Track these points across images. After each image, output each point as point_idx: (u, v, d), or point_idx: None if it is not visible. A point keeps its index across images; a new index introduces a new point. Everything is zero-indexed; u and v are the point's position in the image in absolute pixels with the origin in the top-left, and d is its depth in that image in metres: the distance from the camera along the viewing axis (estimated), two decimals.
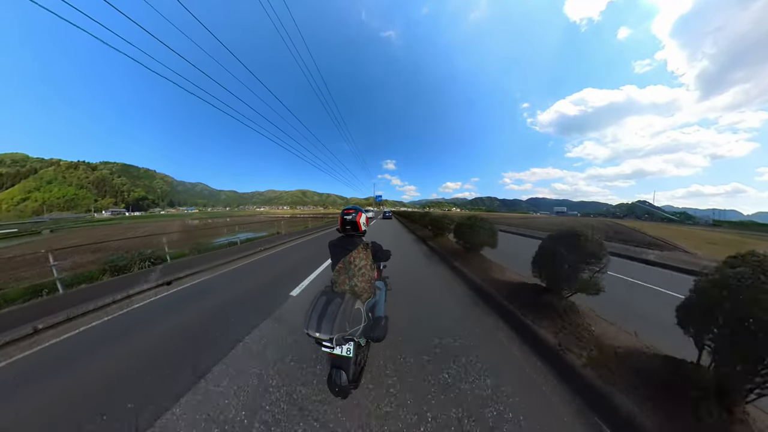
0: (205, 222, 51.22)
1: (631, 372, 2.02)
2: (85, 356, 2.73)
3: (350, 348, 1.76)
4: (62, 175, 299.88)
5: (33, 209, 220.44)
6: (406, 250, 8.63)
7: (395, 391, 2.08)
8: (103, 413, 1.95)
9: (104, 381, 2.31)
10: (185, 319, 3.52)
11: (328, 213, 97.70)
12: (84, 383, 2.29)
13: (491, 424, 1.79)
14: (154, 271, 5.64)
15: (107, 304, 3.95)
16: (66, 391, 2.20)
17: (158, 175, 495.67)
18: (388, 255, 2.39)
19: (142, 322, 3.53)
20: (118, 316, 3.73)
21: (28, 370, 2.55)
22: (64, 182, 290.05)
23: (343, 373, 1.73)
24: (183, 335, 3.06)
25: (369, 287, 2.05)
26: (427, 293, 4.41)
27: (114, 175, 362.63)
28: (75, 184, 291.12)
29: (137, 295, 4.38)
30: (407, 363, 2.43)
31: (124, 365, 2.53)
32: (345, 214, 2.15)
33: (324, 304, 1.70)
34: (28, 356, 2.79)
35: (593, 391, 1.95)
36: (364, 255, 2.05)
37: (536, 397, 2.05)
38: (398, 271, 5.40)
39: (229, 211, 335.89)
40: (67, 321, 3.45)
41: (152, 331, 3.22)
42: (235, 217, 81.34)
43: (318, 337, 1.63)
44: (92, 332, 3.28)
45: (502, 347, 2.72)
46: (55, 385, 2.29)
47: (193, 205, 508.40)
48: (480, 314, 3.52)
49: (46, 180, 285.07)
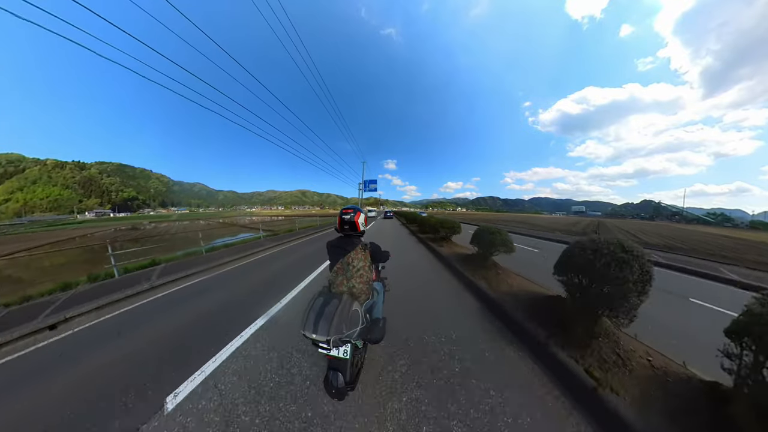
0: (167, 226, 46.11)
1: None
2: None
3: (347, 350, 1.74)
4: (48, 174, 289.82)
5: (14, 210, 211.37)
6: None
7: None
8: None
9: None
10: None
11: (315, 214, 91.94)
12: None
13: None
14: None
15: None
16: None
17: (154, 175, 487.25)
18: (387, 256, 2.36)
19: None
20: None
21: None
22: (50, 182, 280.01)
23: (340, 374, 1.72)
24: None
25: (367, 288, 2.01)
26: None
27: (103, 174, 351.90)
28: (60, 184, 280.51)
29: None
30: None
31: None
32: (343, 214, 2.13)
33: (321, 304, 1.67)
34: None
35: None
36: (363, 256, 2.02)
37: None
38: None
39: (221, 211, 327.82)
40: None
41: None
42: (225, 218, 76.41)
43: (315, 339, 1.59)
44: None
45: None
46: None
47: (188, 206, 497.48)
48: None
49: (31, 180, 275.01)
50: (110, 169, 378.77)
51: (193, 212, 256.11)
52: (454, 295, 4.11)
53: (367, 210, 69.32)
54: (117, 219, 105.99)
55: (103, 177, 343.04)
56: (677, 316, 3.87)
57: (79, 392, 2.16)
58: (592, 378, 1.98)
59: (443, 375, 2.22)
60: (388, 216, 36.27)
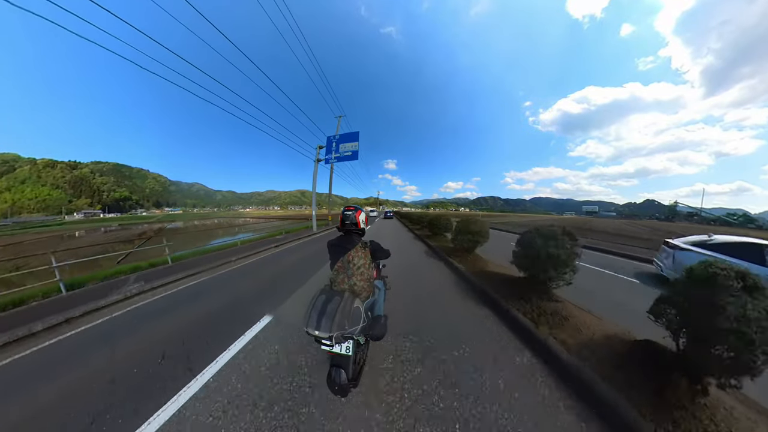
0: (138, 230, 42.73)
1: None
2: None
3: (349, 346, 1.75)
4: (37, 174, 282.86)
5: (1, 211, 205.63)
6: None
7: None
8: None
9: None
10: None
11: (293, 216, 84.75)
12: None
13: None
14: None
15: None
16: None
17: (151, 175, 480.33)
18: (388, 254, 2.38)
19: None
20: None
21: None
22: (39, 182, 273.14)
23: (343, 371, 1.73)
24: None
25: (368, 286, 2.02)
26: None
27: (96, 174, 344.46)
28: (50, 184, 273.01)
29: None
30: None
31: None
32: (345, 211, 2.19)
33: (323, 302, 1.69)
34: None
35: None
36: (363, 254, 2.03)
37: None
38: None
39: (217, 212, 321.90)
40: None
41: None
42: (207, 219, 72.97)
43: (317, 335, 1.61)
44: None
45: None
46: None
47: (183, 206, 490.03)
48: None
49: (20, 180, 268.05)
50: (106, 169, 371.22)
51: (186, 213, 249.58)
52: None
53: (368, 210, 67.82)
54: (105, 220, 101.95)
55: (96, 176, 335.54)
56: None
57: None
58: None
59: None
60: (388, 216, 38.20)
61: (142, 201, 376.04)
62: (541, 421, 1.79)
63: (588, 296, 4.07)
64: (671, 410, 1.69)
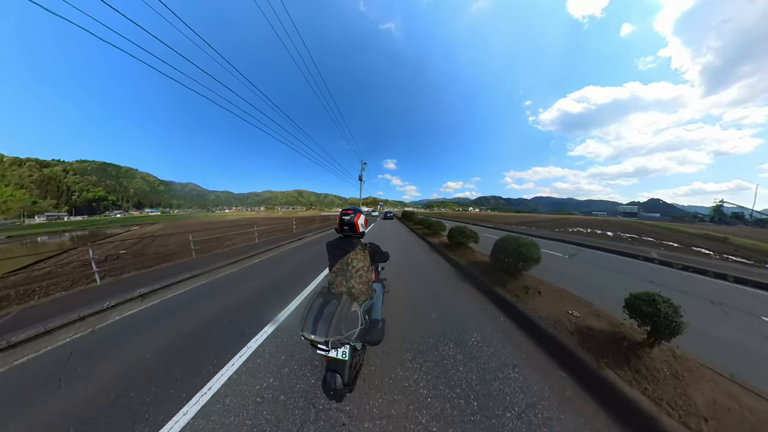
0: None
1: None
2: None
3: (346, 351, 1.73)
4: (2, 173, 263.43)
5: None
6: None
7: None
8: None
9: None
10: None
11: (290, 216, 77.21)
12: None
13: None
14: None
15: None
16: None
17: (139, 174, 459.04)
18: (387, 256, 2.38)
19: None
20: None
21: None
22: (3, 181, 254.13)
23: (338, 376, 1.71)
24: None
25: (366, 289, 2.01)
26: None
27: (70, 173, 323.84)
28: (14, 184, 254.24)
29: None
30: None
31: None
32: (343, 215, 2.14)
33: (320, 305, 1.67)
34: None
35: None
36: (362, 256, 2.02)
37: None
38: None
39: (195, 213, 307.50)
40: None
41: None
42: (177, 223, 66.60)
43: (313, 340, 1.58)
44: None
45: None
46: None
47: (169, 207, 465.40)
48: None
49: None
50: (91, 168, 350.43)
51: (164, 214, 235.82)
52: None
53: (368, 210, 62.01)
54: (68, 223, 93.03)
55: (69, 175, 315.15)
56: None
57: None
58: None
59: None
60: (388, 216, 35.99)
61: (121, 202, 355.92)
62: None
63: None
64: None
